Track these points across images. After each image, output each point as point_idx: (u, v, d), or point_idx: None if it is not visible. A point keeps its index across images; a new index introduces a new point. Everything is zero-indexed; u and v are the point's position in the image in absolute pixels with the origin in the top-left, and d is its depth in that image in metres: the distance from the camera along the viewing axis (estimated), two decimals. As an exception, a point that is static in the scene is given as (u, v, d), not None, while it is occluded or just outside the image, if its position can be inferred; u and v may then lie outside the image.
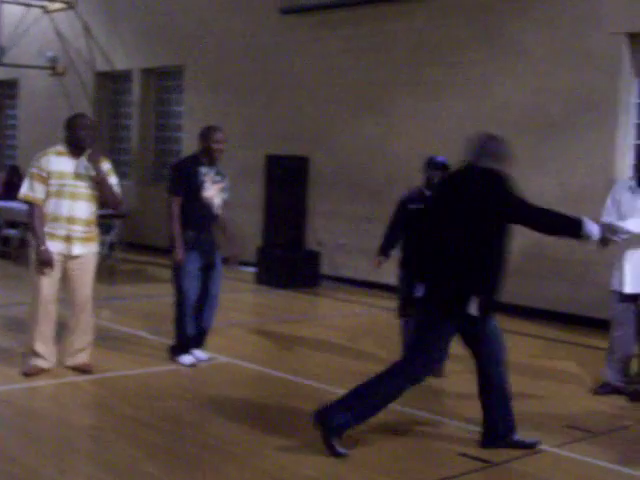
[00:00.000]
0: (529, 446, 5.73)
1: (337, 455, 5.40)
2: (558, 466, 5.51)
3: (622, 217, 6.90)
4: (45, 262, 6.89)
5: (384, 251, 7.86)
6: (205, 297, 7.70)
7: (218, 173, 7.68)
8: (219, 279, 7.79)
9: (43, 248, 6.87)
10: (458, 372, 7.65)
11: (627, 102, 10.21)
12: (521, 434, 5.79)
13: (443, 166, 7.54)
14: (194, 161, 7.65)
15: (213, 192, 7.61)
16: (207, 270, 7.68)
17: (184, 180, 7.56)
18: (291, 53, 13.65)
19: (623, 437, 6.25)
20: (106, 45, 17.11)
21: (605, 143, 10.22)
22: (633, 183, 7.11)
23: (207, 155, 7.59)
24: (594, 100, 10.26)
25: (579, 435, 6.17)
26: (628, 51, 10.10)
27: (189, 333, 7.70)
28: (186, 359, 7.72)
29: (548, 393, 7.37)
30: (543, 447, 5.82)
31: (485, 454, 5.64)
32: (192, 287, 7.59)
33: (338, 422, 5.43)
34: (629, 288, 7.05)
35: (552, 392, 7.41)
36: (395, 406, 6.78)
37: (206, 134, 7.59)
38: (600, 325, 9.10)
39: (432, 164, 7.55)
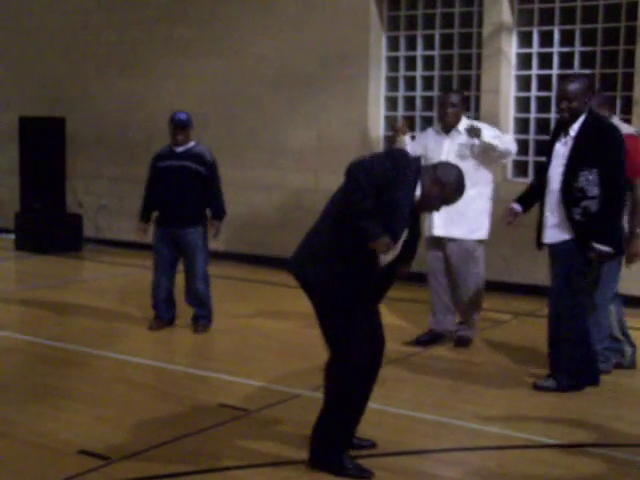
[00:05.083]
0: None
1: None
2: (313, 409, 5.66)
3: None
4: None
5: (145, 216, 7.81)
6: None
7: None
8: None
9: None
10: (222, 330, 7.75)
11: (378, 56, 10.52)
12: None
13: (182, 123, 7.57)
14: None
15: None
16: None
17: None
18: (42, 9, 13.09)
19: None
20: None
21: (359, 96, 10.51)
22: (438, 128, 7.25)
23: None
24: (347, 55, 10.50)
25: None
26: (375, 7, 10.40)
27: None
28: None
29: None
30: (300, 391, 6.00)
31: (243, 403, 5.76)
32: None
33: None
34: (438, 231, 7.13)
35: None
36: (150, 362, 6.81)
37: None
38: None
39: (172, 122, 7.63)
